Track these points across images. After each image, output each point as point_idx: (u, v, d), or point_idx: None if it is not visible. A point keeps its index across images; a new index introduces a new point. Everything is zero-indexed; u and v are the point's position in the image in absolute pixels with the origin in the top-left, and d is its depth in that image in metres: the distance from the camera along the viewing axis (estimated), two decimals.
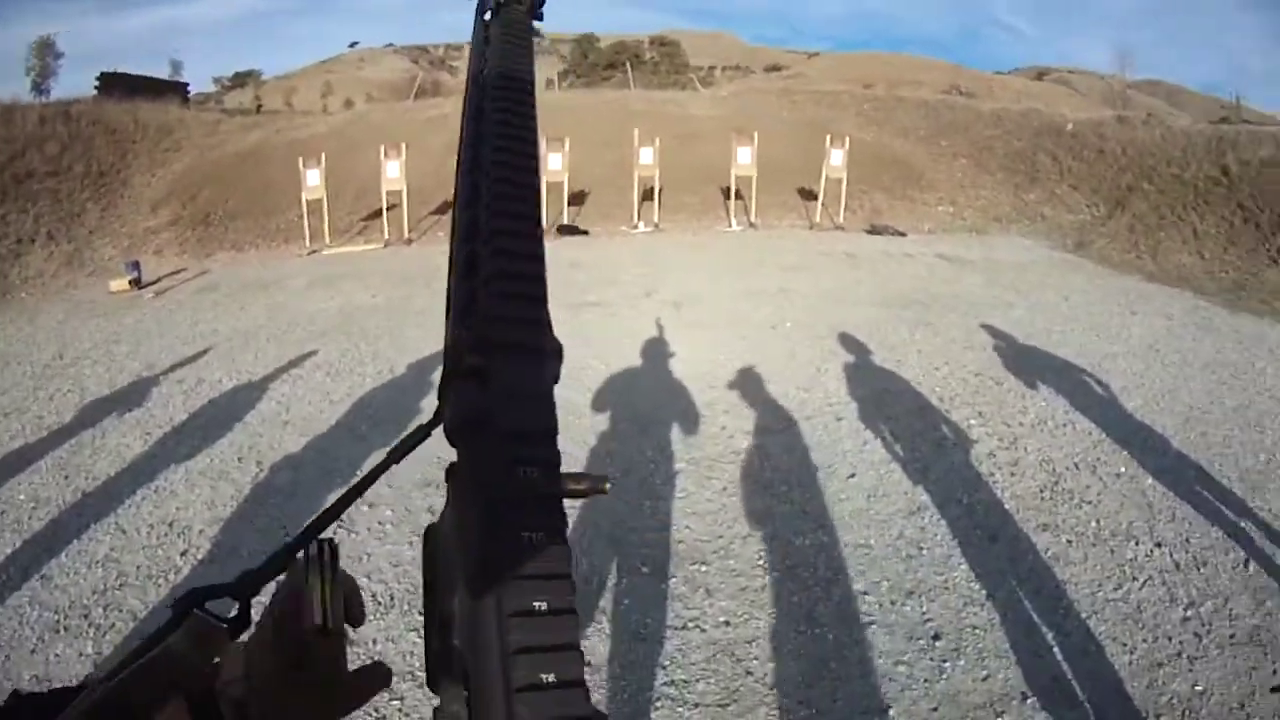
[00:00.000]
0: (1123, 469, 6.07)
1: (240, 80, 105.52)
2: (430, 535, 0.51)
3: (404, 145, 17.29)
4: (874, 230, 17.72)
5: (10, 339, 10.75)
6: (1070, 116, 25.24)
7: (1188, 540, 5.08)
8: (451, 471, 0.46)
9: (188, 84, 40.84)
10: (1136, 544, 5.01)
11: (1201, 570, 4.75)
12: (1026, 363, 8.56)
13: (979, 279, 12.90)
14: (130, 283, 13.46)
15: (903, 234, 17.55)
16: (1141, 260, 14.80)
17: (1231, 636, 4.16)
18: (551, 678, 0.38)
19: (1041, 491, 5.69)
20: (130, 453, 6.49)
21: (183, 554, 4.94)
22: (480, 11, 0.71)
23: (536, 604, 0.39)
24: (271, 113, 40.51)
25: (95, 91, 28.52)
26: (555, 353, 0.48)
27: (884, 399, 7.47)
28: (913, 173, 22.05)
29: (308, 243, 16.82)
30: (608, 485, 0.51)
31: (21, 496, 5.83)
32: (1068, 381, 8.01)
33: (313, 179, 16.75)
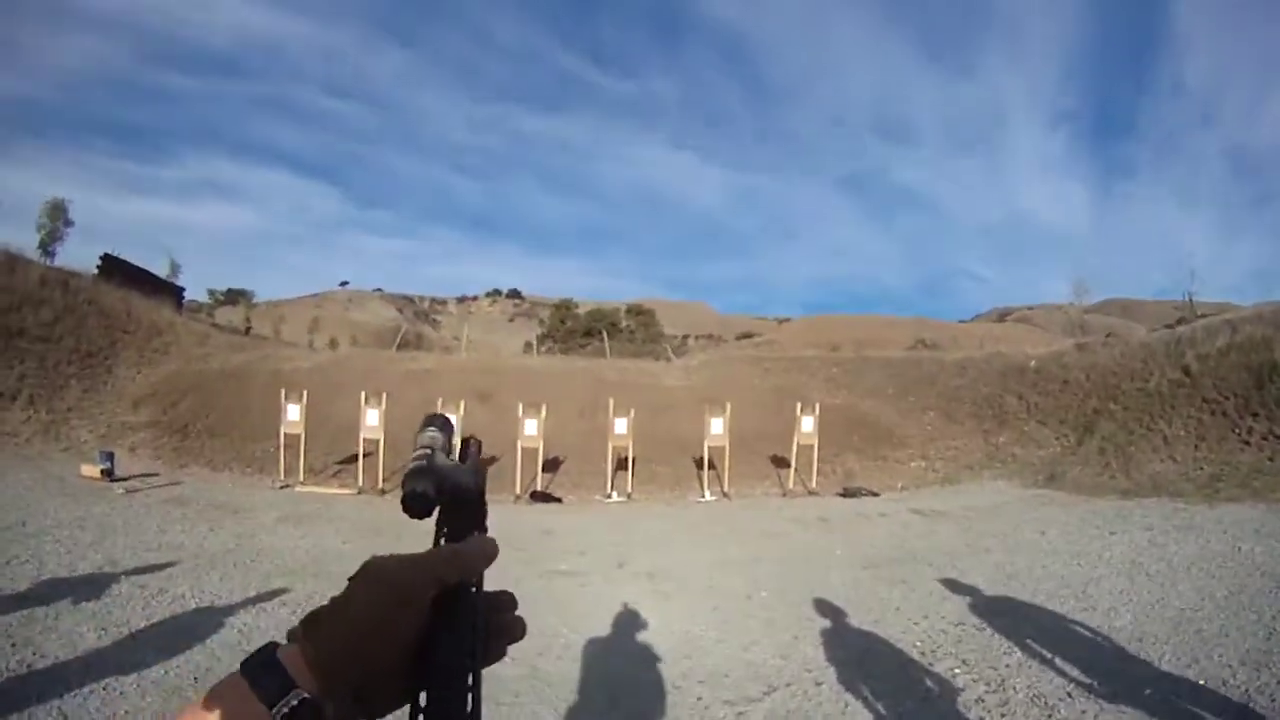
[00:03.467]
0: (1119, 686, 5.96)
1: (233, 297, 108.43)
2: None
3: (384, 395, 17.86)
4: (847, 493, 17.88)
5: None
6: (1032, 354, 26.08)
7: None
8: None
9: (183, 288, 42.00)
10: None
11: None
12: (1008, 604, 8.56)
13: (954, 529, 13.00)
14: (102, 472, 13.86)
15: (876, 494, 17.71)
16: (1115, 479, 14.99)
17: None
18: None
19: None
20: (83, 643, 6.40)
21: None
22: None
23: None
24: (259, 337, 42.01)
25: (96, 270, 29.62)
26: None
27: (864, 659, 7.34)
28: (882, 431, 22.48)
29: (282, 476, 17.11)
30: None
31: None
32: (1052, 614, 8.00)
33: (293, 414, 17.30)
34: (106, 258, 32.00)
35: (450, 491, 0.83)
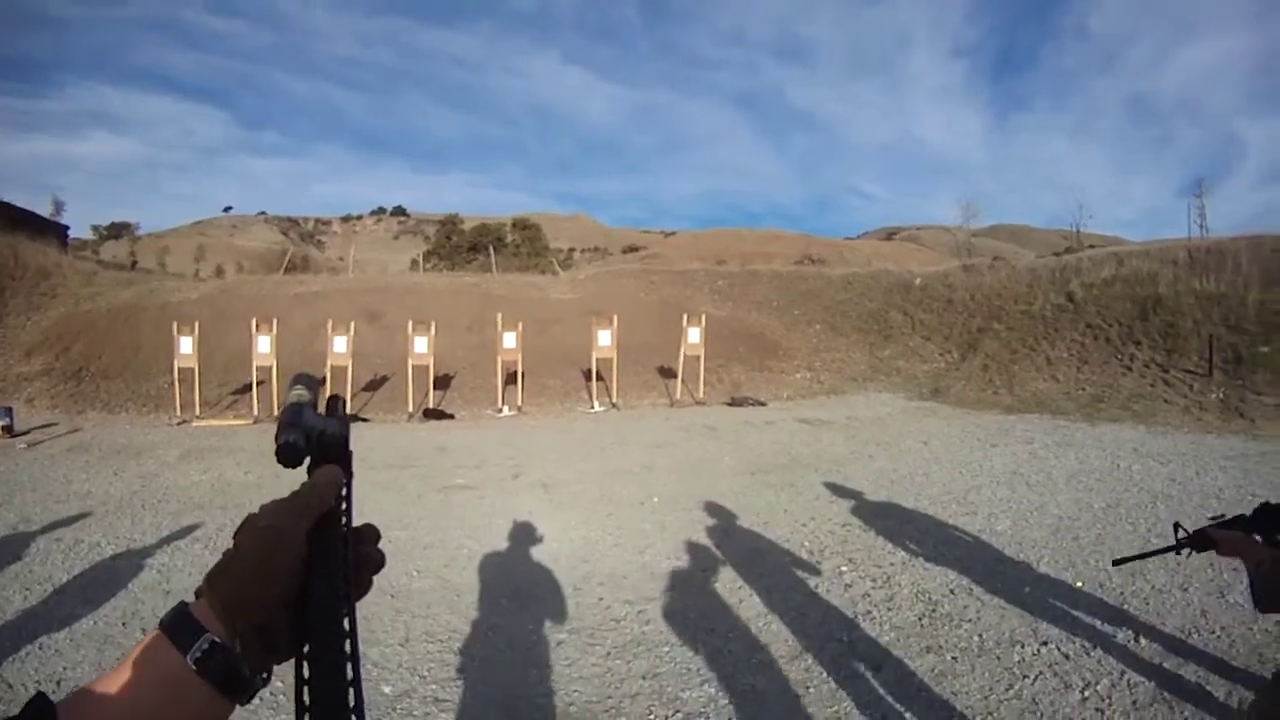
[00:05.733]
0: (999, 585, 6.31)
1: (116, 231, 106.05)
2: None
3: (274, 321, 17.76)
4: (734, 402, 18.24)
5: None
6: (918, 272, 26.69)
7: (1073, 633, 5.32)
8: None
9: (68, 226, 40.67)
10: (1022, 647, 5.18)
11: (1091, 655, 4.97)
12: (891, 508, 8.94)
13: (839, 437, 13.40)
14: (2, 428, 13.70)
15: (763, 403, 18.11)
16: (998, 395, 15.54)
17: (1134, 702, 4.37)
18: None
19: (920, 620, 5.82)
20: (10, 606, 6.37)
21: None
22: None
23: None
24: (145, 271, 41.08)
25: None
26: None
27: (754, 558, 7.58)
28: (768, 343, 22.81)
29: (178, 412, 16.98)
30: None
31: None
32: (935, 518, 8.40)
33: (185, 347, 17.16)
34: None
35: (319, 441, 0.95)
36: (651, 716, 4.78)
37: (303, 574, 0.85)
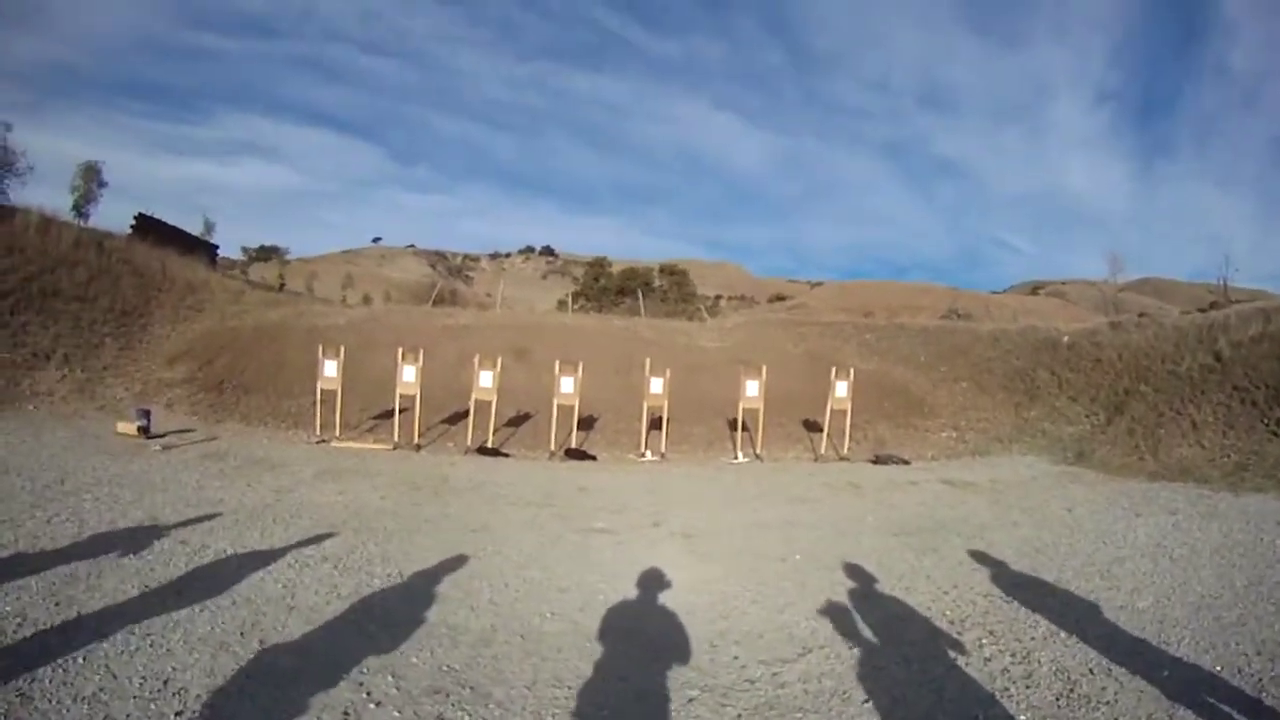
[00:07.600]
0: (1138, 665, 6.15)
1: (266, 254, 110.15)
2: None
3: (420, 351, 18.09)
4: (878, 460, 18.06)
5: (13, 448, 11.32)
6: (1066, 329, 26.01)
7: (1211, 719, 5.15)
8: None
9: (217, 246, 42.25)
10: None
11: None
12: (1034, 579, 8.73)
13: (983, 500, 13.14)
14: (139, 429, 14.06)
15: (906, 462, 17.88)
16: (1143, 461, 15.06)
17: None
18: None
19: (1058, 700, 5.73)
20: (126, 599, 6.50)
21: (178, 714, 4.82)
22: None
23: None
24: (293, 293, 42.63)
25: (130, 230, 29.82)
26: None
27: (894, 625, 7.53)
28: (914, 399, 22.56)
29: (318, 431, 17.33)
30: None
31: (7, 609, 5.93)
32: (1077, 592, 8.18)
33: (330, 370, 17.52)
34: (140, 217, 31.91)
35: None
36: None
37: None
